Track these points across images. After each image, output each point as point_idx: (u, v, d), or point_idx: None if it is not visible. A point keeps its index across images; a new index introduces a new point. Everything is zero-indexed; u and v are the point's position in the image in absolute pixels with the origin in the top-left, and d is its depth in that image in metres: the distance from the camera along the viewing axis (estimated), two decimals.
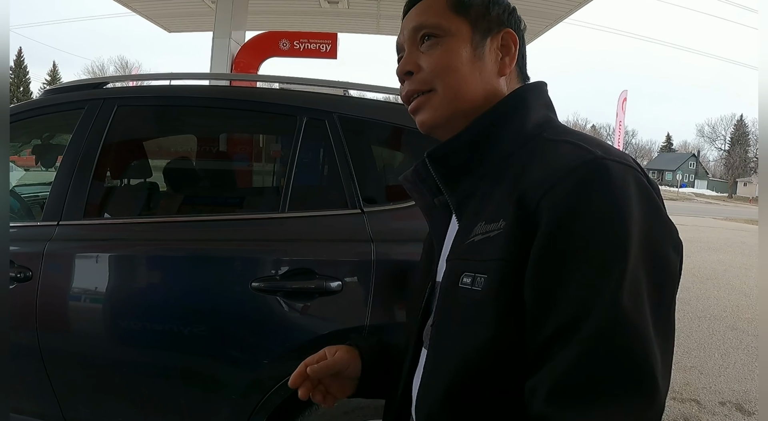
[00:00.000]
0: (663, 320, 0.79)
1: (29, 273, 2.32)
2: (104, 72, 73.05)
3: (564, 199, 0.80)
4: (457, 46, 1.00)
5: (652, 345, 0.75)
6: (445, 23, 1.01)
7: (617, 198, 0.78)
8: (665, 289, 0.81)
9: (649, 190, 0.82)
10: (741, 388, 4.96)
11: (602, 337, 0.74)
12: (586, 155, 0.83)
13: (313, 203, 2.60)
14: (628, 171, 0.82)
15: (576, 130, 0.97)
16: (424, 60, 1.02)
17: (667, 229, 0.83)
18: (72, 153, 2.48)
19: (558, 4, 9.78)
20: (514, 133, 0.98)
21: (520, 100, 1.01)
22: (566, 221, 0.79)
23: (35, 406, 2.45)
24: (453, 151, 1.02)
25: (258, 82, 3.46)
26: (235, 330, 2.24)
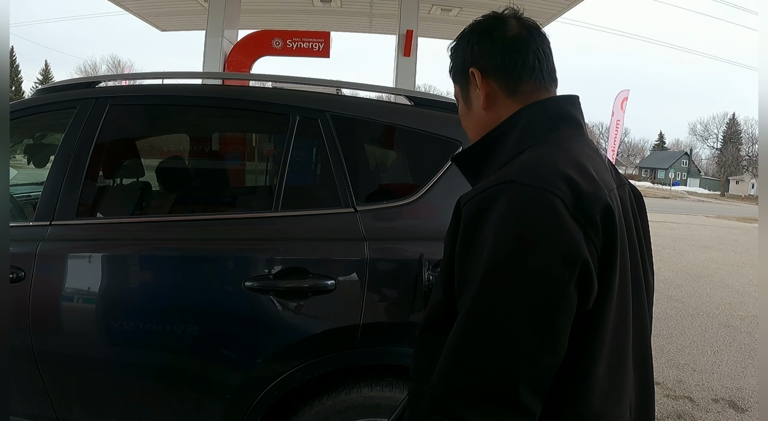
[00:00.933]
0: (537, 320, 0.93)
1: (22, 273, 2.31)
2: (96, 71, 72.75)
3: (469, 212, 1.03)
4: (461, 106, 1.30)
5: (508, 336, 0.93)
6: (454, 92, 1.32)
7: (498, 216, 0.97)
8: (539, 295, 0.94)
9: (546, 209, 0.96)
10: (734, 385, 4.98)
11: (467, 326, 0.96)
12: (500, 178, 1.02)
13: (306, 202, 2.60)
14: (529, 192, 0.97)
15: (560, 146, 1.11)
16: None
17: (556, 243, 0.94)
18: (64, 153, 2.47)
19: (550, 3, 9.79)
20: (510, 147, 1.15)
21: (518, 120, 1.17)
22: (466, 228, 1.02)
23: (28, 407, 2.44)
24: (467, 158, 1.28)
25: (251, 81, 3.46)
26: (228, 330, 2.24)
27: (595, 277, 0.98)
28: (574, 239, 0.95)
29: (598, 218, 0.99)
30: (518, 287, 0.93)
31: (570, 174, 1.00)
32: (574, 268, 0.94)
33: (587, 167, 1.06)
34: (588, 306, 0.99)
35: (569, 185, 0.98)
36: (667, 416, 4.23)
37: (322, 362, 2.21)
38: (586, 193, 0.99)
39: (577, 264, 0.95)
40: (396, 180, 2.76)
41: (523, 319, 0.93)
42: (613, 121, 20.23)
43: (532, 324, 0.93)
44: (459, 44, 1.25)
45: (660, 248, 13.76)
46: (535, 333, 0.93)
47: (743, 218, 28.53)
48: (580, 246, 0.95)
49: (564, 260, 0.94)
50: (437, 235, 2.24)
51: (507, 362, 0.92)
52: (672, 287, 9.08)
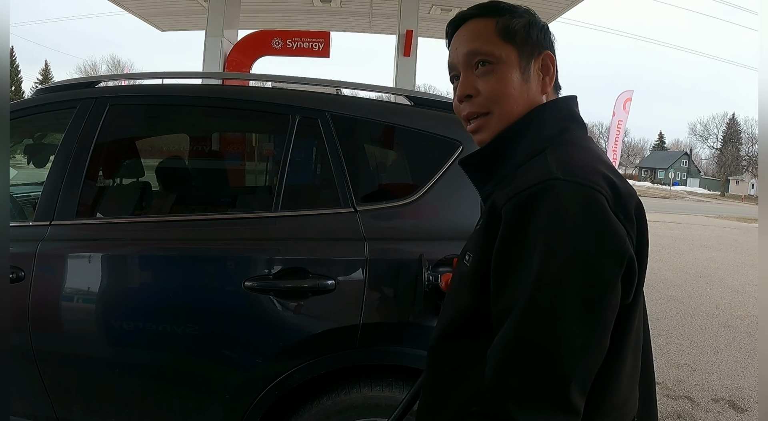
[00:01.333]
0: (587, 318, 0.95)
1: (21, 273, 2.31)
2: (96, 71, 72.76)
3: (514, 211, 1.01)
4: (509, 73, 1.16)
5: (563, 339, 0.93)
6: (497, 51, 1.17)
7: (551, 214, 0.96)
8: (592, 292, 0.95)
9: (595, 206, 0.97)
10: (734, 385, 4.98)
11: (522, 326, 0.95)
12: (543, 175, 1.01)
13: (306, 202, 2.60)
14: (578, 189, 0.98)
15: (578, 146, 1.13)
16: (481, 85, 1.18)
17: (607, 240, 0.97)
18: (64, 153, 2.47)
19: (550, 3, 9.80)
20: (527, 145, 1.14)
21: (533, 118, 1.16)
22: (513, 227, 1.00)
23: (28, 407, 2.44)
24: (477, 161, 1.23)
25: (250, 81, 3.46)
26: (228, 330, 2.24)
27: (637, 271, 1.02)
28: (621, 235, 0.97)
29: (633, 214, 1.03)
30: (573, 285, 0.94)
31: (606, 172, 1.03)
32: (623, 264, 0.97)
33: (613, 166, 1.10)
34: (629, 300, 1.03)
35: (608, 183, 1.01)
36: (667, 416, 4.23)
37: (322, 362, 2.21)
38: (623, 191, 1.02)
39: (625, 260, 0.97)
40: (396, 180, 2.76)
41: (577, 316, 0.94)
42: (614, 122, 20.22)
43: (585, 322, 0.95)
44: (531, 19, 1.21)
45: (660, 247, 13.76)
46: (588, 330, 0.95)
47: (743, 217, 28.54)
48: (626, 242, 0.98)
49: (614, 257, 0.96)
50: (437, 235, 2.25)
51: (562, 361, 0.93)
52: (672, 286, 9.08)
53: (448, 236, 2.22)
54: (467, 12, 1.23)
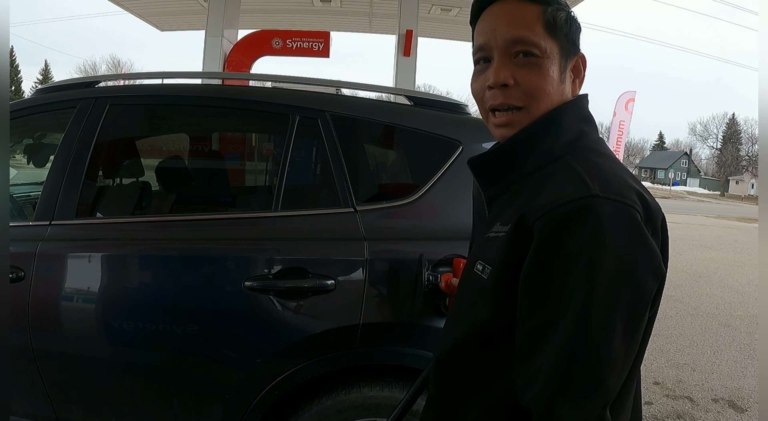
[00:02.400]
0: (628, 335, 0.94)
1: (21, 273, 2.31)
2: (96, 71, 72.75)
3: (551, 226, 0.97)
4: (551, 70, 1.10)
5: (609, 357, 0.92)
6: (543, 44, 1.09)
7: (594, 233, 0.93)
8: (635, 310, 0.94)
9: (635, 225, 0.95)
10: (734, 385, 4.98)
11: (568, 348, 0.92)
12: (581, 191, 0.97)
13: (306, 202, 2.60)
14: (618, 207, 0.95)
15: (598, 152, 1.10)
16: (521, 76, 1.10)
17: (648, 258, 0.96)
18: (64, 152, 2.47)
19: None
20: (545, 150, 1.10)
21: (553, 120, 1.11)
22: (551, 244, 0.96)
23: (28, 406, 2.44)
24: (490, 161, 1.18)
25: (250, 81, 3.46)
26: (228, 329, 2.24)
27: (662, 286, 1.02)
28: (657, 253, 0.97)
29: (659, 229, 1.03)
30: (619, 306, 0.92)
31: (635, 186, 1.02)
32: (657, 280, 0.98)
33: (636, 177, 1.09)
34: (653, 312, 1.03)
35: (639, 198, 1.00)
36: (666, 416, 4.23)
37: (322, 361, 2.21)
38: (652, 206, 1.01)
39: (659, 277, 0.98)
40: (396, 180, 2.76)
41: (623, 336, 0.93)
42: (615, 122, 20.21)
43: (628, 341, 0.94)
44: (571, 15, 1.14)
45: None
46: (628, 349, 0.95)
47: (743, 217, 28.53)
48: (661, 260, 0.98)
49: (653, 276, 0.97)
50: (437, 235, 2.25)
51: (605, 379, 0.92)
52: (672, 286, 9.08)
53: (448, 236, 2.22)
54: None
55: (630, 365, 0.98)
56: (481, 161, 1.19)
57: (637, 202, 0.98)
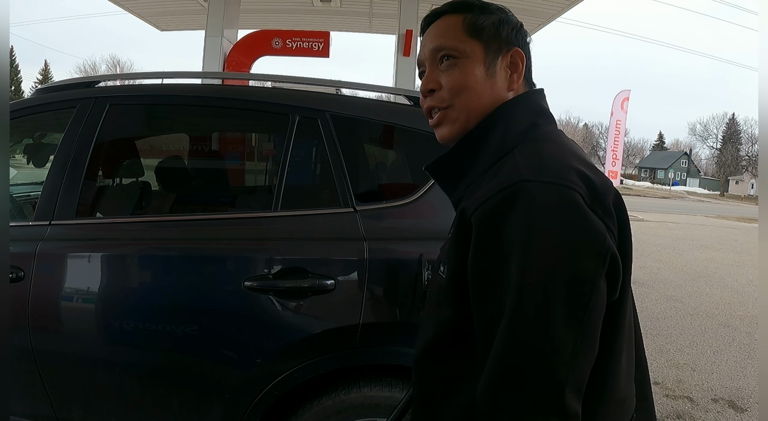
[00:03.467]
0: (575, 319, 0.92)
1: (21, 273, 2.31)
2: (96, 71, 72.72)
3: (485, 217, 0.98)
4: (472, 67, 1.15)
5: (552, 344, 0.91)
6: (461, 46, 1.16)
7: (526, 217, 0.93)
8: (578, 293, 0.92)
9: (572, 205, 0.94)
10: (734, 385, 4.98)
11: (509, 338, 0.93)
12: (513, 178, 0.98)
13: (306, 202, 2.60)
14: (551, 189, 0.95)
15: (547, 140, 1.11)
16: (444, 79, 1.17)
17: (588, 239, 0.94)
18: (64, 152, 2.47)
19: (550, 3, 9.80)
20: (494, 147, 1.13)
21: (499, 117, 1.15)
22: (485, 235, 0.98)
23: (27, 406, 2.44)
24: (443, 166, 1.22)
25: (250, 81, 3.46)
26: (227, 329, 2.24)
27: (621, 267, 0.99)
28: (600, 232, 0.95)
29: (612, 207, 1.01)
30: (558, 290, 0.91)
31: (579, 167, 1.01)
32: (605, 262, 0.94)
33: (586, 158, 1.09)
34: (615, 297, 1.00)
35: (582, 178, 0.99)
36: (666, 416, 4.23)
37: (322, 361, 2.21)
38: (598, 184, 1.00)
39: (607, 257, 0.95)
40: (396, 180, 2.76)
41: (566, 322, 0.91)
42: (612, 122, 20.23)
43: (574, 326, 0.92)
44: (503, 17, 1.20)
45: (660, 247, 13.78)
46: (577, 335, 0.92)
47: (743, 217, 28.55)
48: (607, 239, 0.95)
49: (597, 256, 0.94)
50: (437, 235, 2.24)
51: (554, 369, 0.90)
52: (672, 286, 9.08)
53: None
54: (440, 9, 1.22)
55: (591, 351, 0.95)
56: (437, 167, 1.23)
57: (577, 182, 0.97)
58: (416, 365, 1.20)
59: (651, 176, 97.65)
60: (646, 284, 9.08)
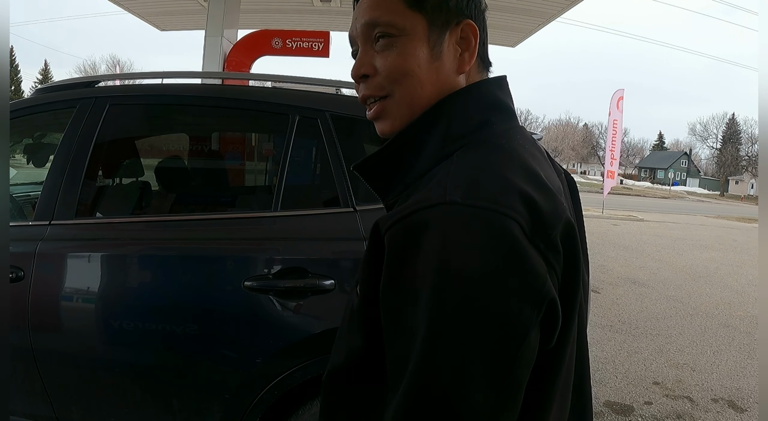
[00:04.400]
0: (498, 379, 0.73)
1: (21, 273, 2.31)
2: (96, 71, 72.71)
3: (397, 240, 0.78)
4: (413, 48, 0.94)
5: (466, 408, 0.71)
6: (399, 21, 0.94)
7: (442, 251, 0.73)
8: (504, 349, 0.73)
9: (505, 239, 0.74)
10: (733, 385, 4.98)
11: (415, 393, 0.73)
12: (435, 197, 0.78)
13: (306, 202, 2.60)
14: (480, 216, 0.74)
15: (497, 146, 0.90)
16: (380, 62, 0.96)
17: (521, 282, 0.74)
18: (63, 152, 2.47)
19: (550, 3, 9.79)
20: (433, 148, 0.93)
21: (443, 111, 0.94)
22: (397, 264, 0.77)
23: (27, 406, 2.44)
24: (376, 165, 1.00)
25: (250, 81, 3.45)
26: (227, 329, 2.24)
27: (560, 313, 0.79)
28: (540, 275, 0.75)
29: (559, 240, 0.80)
30: (474, 344, 0.72)
31: (524, 188, 0.80)
32: (540, 309, 0.75)
33: (539, 174, 0.86)
34: (551, 345, 0.81)
35: (525, 204, 0.78)
36: (666, 416, 4.23)
37: (322, 361, 2.21)
38: (546, 213, 0.79)
39: (543, 305, 0.75)
40: None
41: (480, 378, 0.72)
42: (610, 121, 20.23)
43: (491, 383, 0.73)
44: None
45: (660, 247, 13.78)
46: (495, 392, 0.73)
47: (743, 218, 28.55)
48: (546, 283, 0.76)
49: (530, 304, 0.74)
50: None
51: None
52: (671, 287, 9.08)
53: None
54: None
55: (512, 411, 0.76)
56: (367, 166, 1.01)
57: (516, 208, 0.76)
58: (323, 389, 0.99)
59: (651, 176, 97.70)
60: (646, 284, 9.08)
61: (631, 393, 4.64)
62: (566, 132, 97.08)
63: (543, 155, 1.00)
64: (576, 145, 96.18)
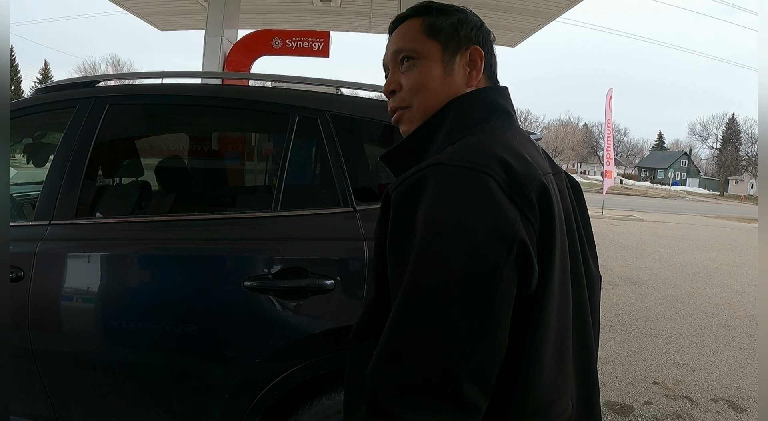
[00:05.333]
0: (474, 304, 0.89)
1: (21, 273, 2.31)
2: (96, 70, 72.68)
3: (399, 197, 1.01)
4: (429, 67, 1.19)
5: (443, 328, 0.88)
6: (419, 47, 1.20)
7: (431, 199, 0.95)
8: (476, 277, 0.90)
9: (481, 190, 0.94)
10: (733, 385, 4.98)
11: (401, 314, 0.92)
12: (429, 162, 1.01)
13: (306, 202, 2.59)
14: (462, 173, 0.96)
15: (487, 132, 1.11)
16: (404, 79, 1.21)
17: (491, 222, 0.92)
18: (63, 152, 2.47)
19: (550, 3, 9.79)
20: (442, 138, 1.15)
21: (448, 112, 1.17)
22: (398, 215, 1.00)
23: (27, 406, 2.44)
24: (396, 156, 1.24)
25: (250, 81, 3.45)
26: (227, 329, 2.24)
27: (534, 258, 0.95)
28: (508, 217, 0.93)
29: (534, 198, 0.97)
30: (454, 271, 0.89)
31: (503, 155, 1.00)
32: (511, 248, 0.91)
33: (520, 151, 1.05)
34: (530, 289, 0.96)
35: (502, 166, 0.97)
36: (666, 416, 4.23)
37: (322, 361, 2.21)
38: (520, 174, 0.98)
39: (514, 244, 0.92)
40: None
41: (461, 305, 0.89)
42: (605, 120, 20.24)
43: (471, 311, 0.89)
44: (462, 17, 1.24)
45: (659, 247, 13.79)
46: (472, 318, 0.89)
47: (743, 218, 28.56)
48: (515, 225, 0.93)
49: (499, 239, 0.91)
50: None
51: (443, 350, 0.87)
52: (671, 286, 9.09)
53: None
54: (403, 14, 1.27)
55: (494, 342, 0.91)
56: (391, 157, 1.25)
57: (494, 169, 0.96)
58: (348, 345, 1.23)
59: (651, 176, 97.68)
60: (646, 284, 9.09)
61: (630, 393, 4.65)
62: (566, 132, 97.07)
63: (537, 150, 1.20)
64: (576, 145, 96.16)
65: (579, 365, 1.14)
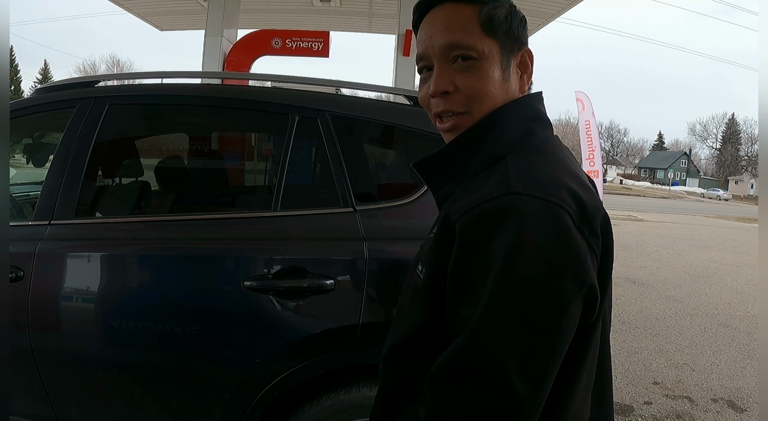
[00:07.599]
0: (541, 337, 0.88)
1: (20, 273, 2.31)
2: (96, 70, 72.70)
3: (470, 225, 0.94)
4: (491, 70, 1.07)
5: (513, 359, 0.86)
6: (479, 46, 1.06)
7: (512, 232, 0.89)
8: (548, 314, 0.88)
9: (559, 225, 0.91)
10: (733, 385, 4.98)
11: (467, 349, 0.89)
12: (500, 190, 0.94)
13: (306, 202, 2.59)
14: (541, 205, 0.91)
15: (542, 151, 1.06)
16: (460, 81, 1.08)
17: (569, 261, 0.90)
18: (63, 152, 2.47)
19: (550, 3, 9.79)
20: (488, 151, 1.08)
21: (496, 121, 1.08)
22: (469, 244, 0.94)
23: (27, 406, 2.44)
24: (434, 163, 1.16)
25: (250, 81, 3.45)
26: (227, 329, 2.24)
27: (599, 292, 0.95)
28: (584, 258, 0.91)
29: (599, 229, 0.97)
30: (527, 304, 0.88)
31: (571, 185, 0.97)
32: (582, 286, 0.91)
33: (581, 177, 1.04)
34: (591, 320, 0.97)
35: (573, 197, 0.95)
36: (666, 416, 4.23)
37: (322, 361, 2.21)
38: (589, 206, 0.96)
39: (586, 284, 0.91)
40: (395, 180, 2.75)
41: (529, 337, 0.88)
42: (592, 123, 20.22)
43: (540, 346, 0.88)
44: (512, 9, 1.11)
45: (659, 247, 13.78)
46: (542, 356, 0.88)
47: (742, 217, 28.57)
48: (588, 264, 0.92)
49: (576, 281, 0.90)
50: None
51: (509, 379, 0.86)
52: (671, 286, 9.09)
53: None
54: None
55: (554, 371, 0.91)
56: (426, 164, 1.17)
57: (567, 201, 0.93)
58: (384, 361, 1.18)
59: (650, 176, 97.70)
60: (646, 284, 9.09)
61: (630, 393, 4.65)
62: (566, 132, 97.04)
63: (575, 161, 1.15)
64: (575, 146, 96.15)
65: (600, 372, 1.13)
